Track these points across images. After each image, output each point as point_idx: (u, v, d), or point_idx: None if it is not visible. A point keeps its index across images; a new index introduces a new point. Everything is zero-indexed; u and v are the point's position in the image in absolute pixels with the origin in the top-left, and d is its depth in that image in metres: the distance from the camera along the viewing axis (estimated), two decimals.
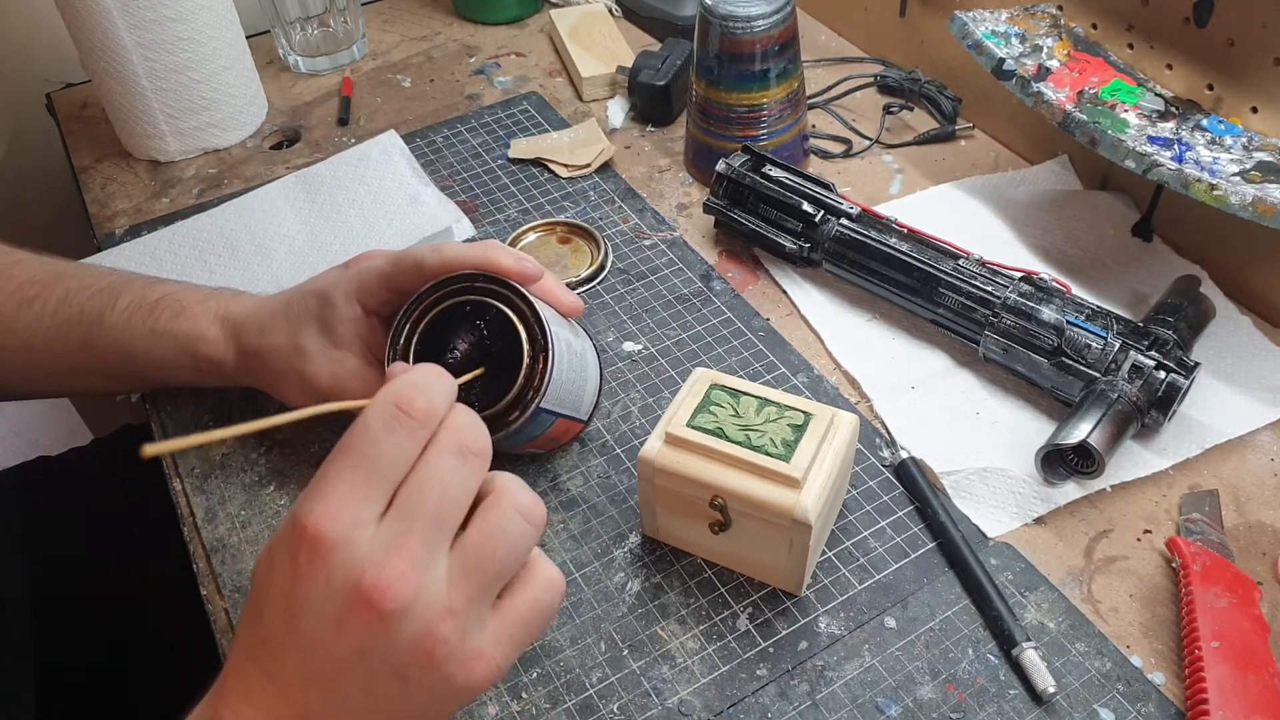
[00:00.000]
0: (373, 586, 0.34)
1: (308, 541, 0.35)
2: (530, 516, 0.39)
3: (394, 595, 0.34)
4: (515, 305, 0.51)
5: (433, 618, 0.36)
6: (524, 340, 0.51)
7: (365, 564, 0.35)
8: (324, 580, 0.35)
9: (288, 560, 0.35)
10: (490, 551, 0.37)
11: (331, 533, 0.35)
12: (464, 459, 0.37)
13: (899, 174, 0.83)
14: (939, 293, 0.65)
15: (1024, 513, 0.57)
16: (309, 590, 0.35)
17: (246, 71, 0.88)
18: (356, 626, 0.35)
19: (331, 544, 0.35)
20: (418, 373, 0.39)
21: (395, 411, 0.36)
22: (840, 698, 0.50)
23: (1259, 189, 0.59)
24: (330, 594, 0.35)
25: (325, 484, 0.36)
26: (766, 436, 0.51)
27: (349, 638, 0.35)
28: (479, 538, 0.37)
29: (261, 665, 0.36)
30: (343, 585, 0.35)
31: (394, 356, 0.52)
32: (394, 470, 0.36)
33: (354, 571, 0.34)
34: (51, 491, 0.77)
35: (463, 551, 0.37)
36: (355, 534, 0.35)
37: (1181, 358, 0.59)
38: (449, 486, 0.37)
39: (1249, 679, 0.47)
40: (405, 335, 0.52)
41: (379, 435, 0.36)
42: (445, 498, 0.37)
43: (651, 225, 0.78)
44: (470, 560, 0.37)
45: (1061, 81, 0.70)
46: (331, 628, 0.35)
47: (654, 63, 0.88)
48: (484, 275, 0.52)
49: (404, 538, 0.35)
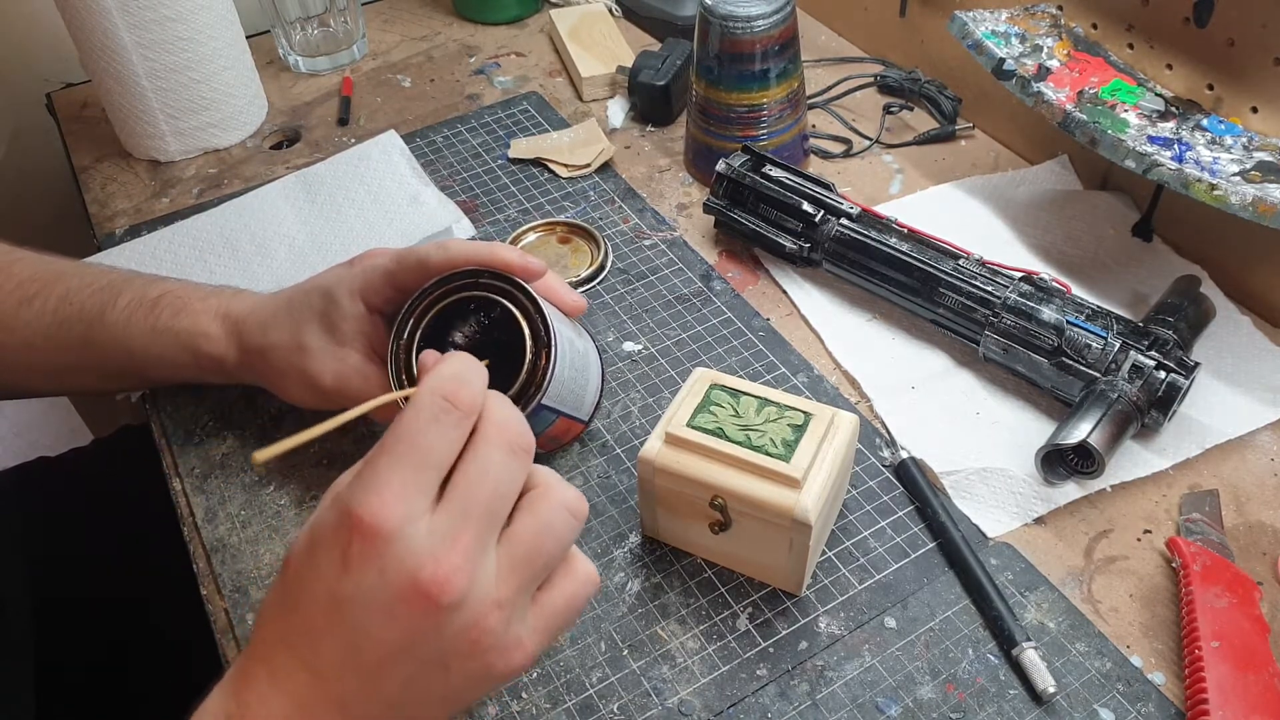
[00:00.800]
0: (431, 580, 0.35)
1: (362, 533, 0.34)
2: (576, 512, 0.39)
3: (451, 588, 0.35)
4: (519, 301, 0.51)
5: (483, 610, 0.36)
6: (527, 336, 0.51)
7: (422, 557, 0.35)
8: (377, 572, 0.35)
9: (336, 551, 0.35)
10: (539, 546, 0.38)
11: (388, 525, 0.35)
12: (514, 455, 0.38)
13: (899, 174, 0.83)
14: (939, 293, 0.65)
15: (1024, 513, 0.57)
16: (360, 581, 0.35)
17: (246, 71, 0.88)
18: (408, 618, 0.35)
19: (388, 536, 0.34)
20: (456, 363, 0.39)
21: (442, 403, 0.37)
22: (840, 698, 0.50)
23: (1259, 189, 0.59)
24: (383, 585, 0.35)
25: (377, 476, 0.35)
26: (766, 436, 0.51)
27: (398, 629, 0.35)
28: (528, 533, 0.38)
29: (298, 654, 0.36)
30: (397, 578, 0.35)
31: (397, 351, 0.52)
32: (443, 461, 0.36)
33: (410, 564, 0.35)
34: (51, 491, 0.77)
35: (511, 545, 0.37)
36: (411, 527, 0.35)
37: (1181, 358, 0.59)
38: (500, 483, 0.37)
39: (1249, 679, 0.47)
40: (409, 330, 0.52)
41: (427, 426, 0.36)
42: (497, 494, 0.37)
43: (651, 225, 0.78)
44: (519, 554, 0.37)
45: (1061, 81, 0.70)
46: (382, 618, 0.35)
47: (654, 63, 0.88)
48: (488, 271, 0.52)
49: (459, 531, 0.36)
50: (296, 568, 0.37)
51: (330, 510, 0.36)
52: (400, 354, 0.52)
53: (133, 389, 0.66)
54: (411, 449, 0.36)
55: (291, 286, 0.58)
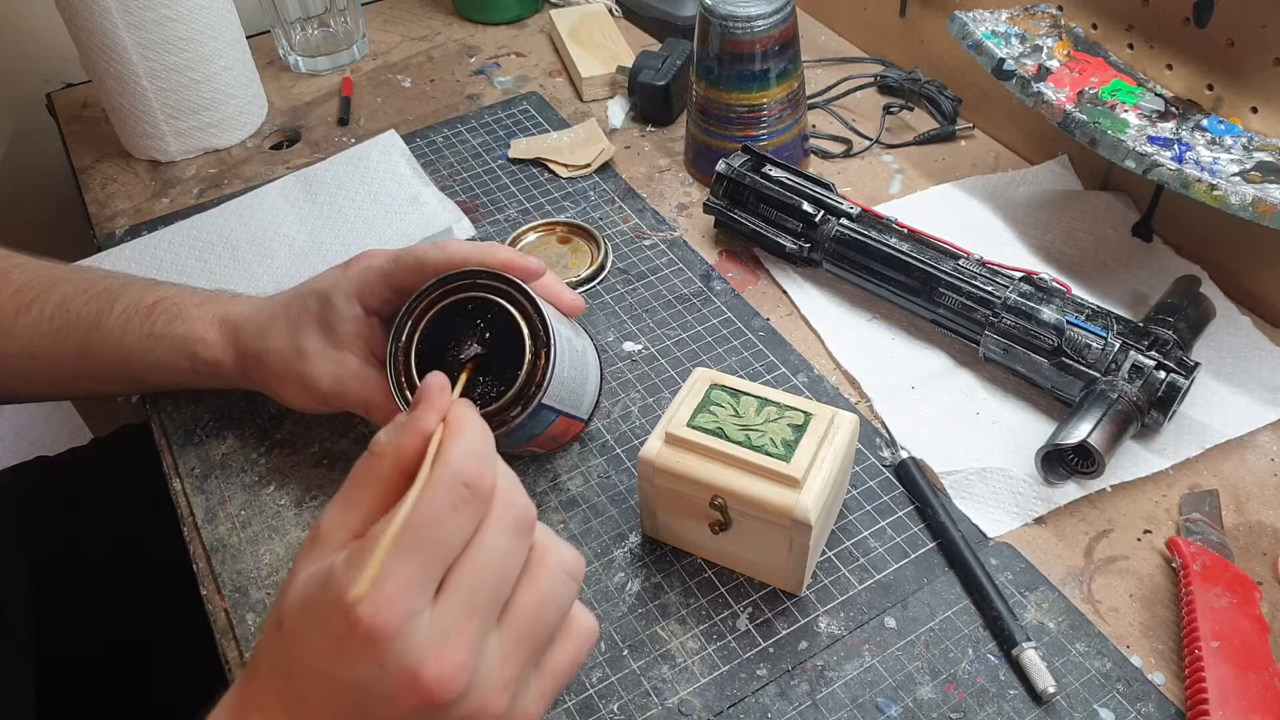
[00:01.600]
0: (435, 680, 0.33)
1: (360, 634, 0.32)
2: (575, 574, 0.37)
3: (454, 685, 0.33)
4: (517, 302, 0.51)
5: (487, 695, 0.34)
6: (526, 336, 0.50)
7: (424, 655, 0.32)
8: (377, 667, 0.32)
9: (331, 638, 0.33)
10: (542, 619, 0.36)
11: (389, 626, 0.32)
12: (519, 535, 0.36)
13: (899, 174, 0.83)
14: (939, 293, 0.65)
15: (1024, 513, 0.57)
16: (358, 672, 0.33)
17: (246, 71, 0.88)
18: (410, 711, 0.33)
19: (388, 637, 0.32)
20: (473, 434, 0.36)
21: (463, 491, 0.34)
22: (840, 698, 0.50)
23: (1259, 189, 0.59)
24: (383, 679, 0.33)
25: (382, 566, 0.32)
26: (766, 436, 0.51)
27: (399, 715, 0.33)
28: (530, 608, 0.36)
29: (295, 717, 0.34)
30: (398, 675, 0.32)
31: (395, 354, 0.52)
32: (454, 551, 0.34)
33: (412, 662, 0.32)
34: (51, 491, 0.77)
35: (514, 623, 0.36)
36: (412, 624, 0.32)
37: (1181, 358, 0.59)
38: (506, 569, 0.35)
39: (1249, 679, 0.47)
40: (407, 332, 0.52)
41: (445, 516, 0.34)
42: (502, 579, 0.35)
43: (651, 225, 0.78)
44: (523, 630, 0.36)
45: (1061, 81, 0.70)
46: (383, 706, 0.33)
47: (654, 63, 0.88)
48: (486, 272, 0.52)
49: (463, 625, 0.34)
50: (290, 629, 0.34)
51: (323, 590, 0.33)
52: (399, 356, 0.52)
53: (132, 393, 0.66)
54: (424, 540, 0.33)
55: (288, 290, 0.57)
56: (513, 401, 0.51)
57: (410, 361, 0.52)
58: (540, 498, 0.59)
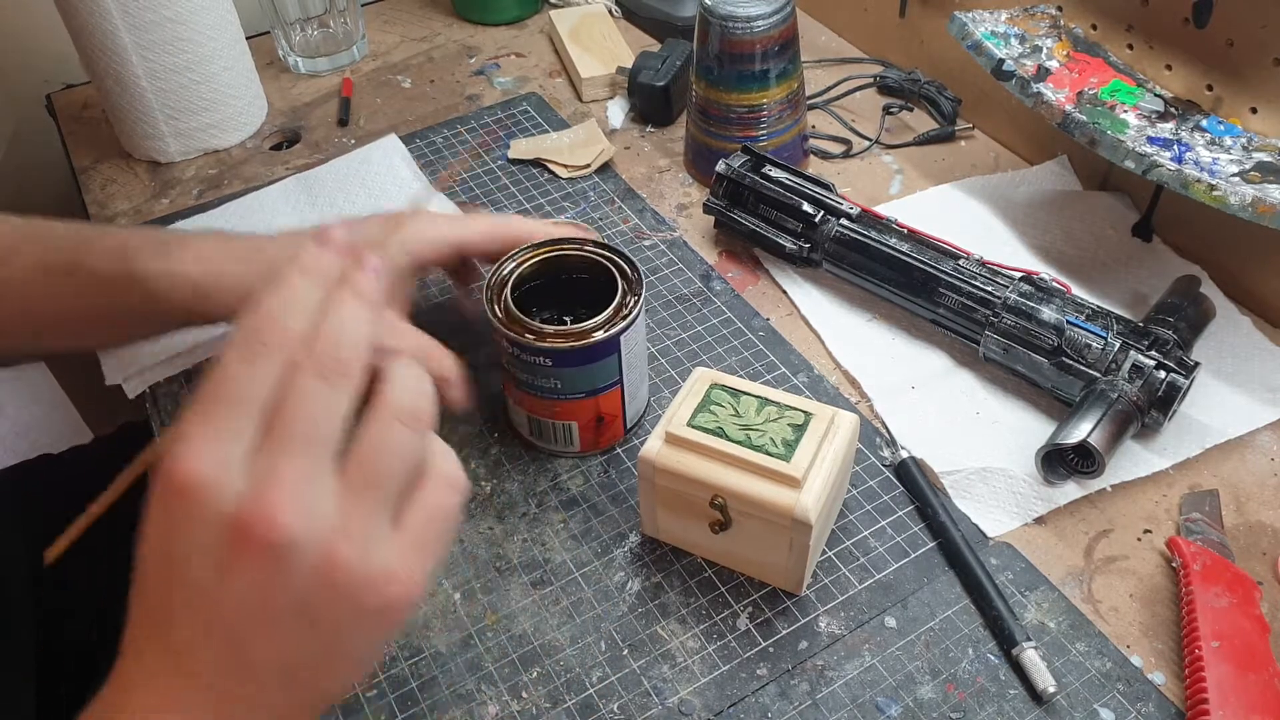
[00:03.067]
0: (251, 517, 0.31)
1: (175, 488, 0.32)
2: (411, 420, 0.35)
3: (278, 524, 0.31)
4: (614, 262, 0.59)
5: (327, 544, 0.32)
6: (619, 281, 0.57)
7: (242, 499, 0.32)
8: (200, 525, 0.32)
9: (162, 515, 0.32)
10: (375, 466, 0.34)
11: (197, 472, 0.31)
12: (328, 379, 0.34)
13: (899, 174, 0.83)
14: (939, 293, 0.65)
15: (1024, 513, 0.57)
16: (187, 538, 0.32)
17: (246, 72, 0.88)
18: (244, 567, 0.32)
19: (199, 484, 0.31)
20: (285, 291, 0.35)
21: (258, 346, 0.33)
22: (840, 697, 0.50)
23: (1258, 189, 0.59)
24: (208, 538, 0.32)
25: (185, 427, 0.32)
26: (767, 436, 0.51)
27: (240, 584, 0.32)
28: (362, 454, 0.34)
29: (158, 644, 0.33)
30: (218, 525, 0.32)
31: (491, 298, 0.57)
32: (255, 400, 0.33)
33: (229, 508, 0.31)
34: (53, 490, 0.77)
35: (346, 472, 0.34)
36: (224, 472, 0.32)
37: (1181, 358, 0.59)
38: (321, 413, 0.33)
39: (1249, 679, 0.47)
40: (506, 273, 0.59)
41: (236, 369, 0.33)
42: (319, 422, 0.33)
43: (651, 225, 0.78)
44: (356, 479, 0.34)
45: (1061, 82, 0.70)
46: (217, 576, 0.32)
47: (654, 63, 0.88)
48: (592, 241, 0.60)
49: (277, 466, 0.32)
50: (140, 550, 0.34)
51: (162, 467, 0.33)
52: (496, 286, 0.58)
53: (116, 342, 0.66)
54: (221, 396, 0.33)
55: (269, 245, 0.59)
56: (598, 328, 0.55)
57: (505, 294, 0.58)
58: (540, 497, 0.59)
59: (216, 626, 0.33)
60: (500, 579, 0.55)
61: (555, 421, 0.59)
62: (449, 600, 0.55)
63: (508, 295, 0.57)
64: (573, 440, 0.60)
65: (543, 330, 0.55)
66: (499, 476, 0.60)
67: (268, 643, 0.33)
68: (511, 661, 0.52)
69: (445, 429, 0.62)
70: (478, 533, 0.58)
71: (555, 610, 0.54)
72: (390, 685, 0.51)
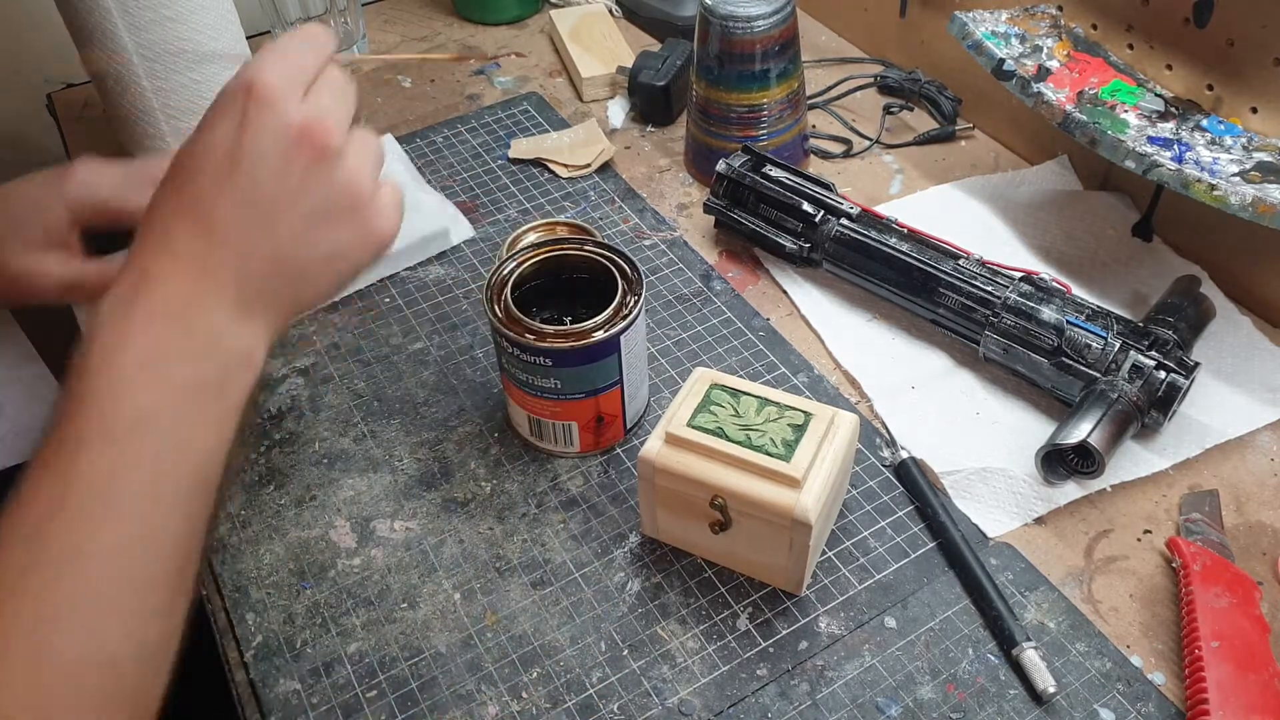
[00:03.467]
0: (316, 127, 0.40)
1: (257, 95, 0.40)
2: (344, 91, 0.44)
3: (335, 137, 0.40)
4: (614, 262, 0.59)
5: (358, 165, 0.41)
6: (619, 281, 0.58)
7: (306, 113, 0.40)
8: (272, 125, 0.40)
9: (235, 115, 0.40)
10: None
11: (279, 87, 0.40)
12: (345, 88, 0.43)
13: (899, 174, 0.83)
14: (939, 293, 0.65)
15: (1024, 513, 0.57)
16: (258, 135, 0.39)
17: None
18: (300, 164, 0.40)
19: (278, 95, 0.40)
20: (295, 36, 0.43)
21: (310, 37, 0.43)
22: (840, 697, 0.50)
23: (1259, 189, 0.59)
24: (277, 136, 0.40)
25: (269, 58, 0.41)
26: (767, 436, 0.51)
27: (291, 176, 0.40)
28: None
29: (193, 222, 0.40)
30: (288, 127, 0.40)
31: (491, 297, 0.57)
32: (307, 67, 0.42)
33: (298, 117, 0.40)
34: None
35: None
36: (296, 92, 0.40)
37: (1181, 358, 0.59)
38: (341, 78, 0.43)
39: (1249, 679, 0.47)
40: (507, 273, 0.59)
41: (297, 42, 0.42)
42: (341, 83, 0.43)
43: (651, 225, 0.78)
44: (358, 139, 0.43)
45: (1061, 82, 0.70)
46: (278, 165, 0.40)
47: (654, 63, 0.88)
48: (592, 240, 0.61)
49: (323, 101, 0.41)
50: (189, 148, 0.41)
51: (233, 82, 0.41)
52: (496, 286, 0.58)
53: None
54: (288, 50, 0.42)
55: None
56: (597, 328, 0.55)
57: (505, 294, 0.58)
58: (540, 498, 0.59)
59: (259, 211, 0.40)
60: (500, 579, 0.55)
61: (555, 421, 0.59)
62: (449, 600, 0.55)
63: (508, 295, 0.57)
64: (573, 440, 0.60)
65: (543, 330, 0.55)
66: (499, 477, 0.60)
67: (295, 232, 0.41)
68: (511, 662, 0.52)
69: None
70: (478, 533, 0.58)
71: (555, 611, 0.54)
72: (390, 685, 0.51)
